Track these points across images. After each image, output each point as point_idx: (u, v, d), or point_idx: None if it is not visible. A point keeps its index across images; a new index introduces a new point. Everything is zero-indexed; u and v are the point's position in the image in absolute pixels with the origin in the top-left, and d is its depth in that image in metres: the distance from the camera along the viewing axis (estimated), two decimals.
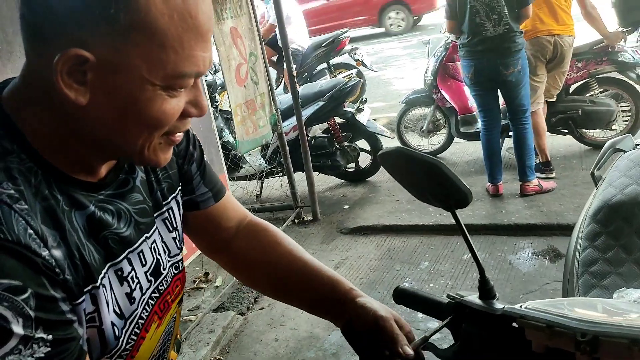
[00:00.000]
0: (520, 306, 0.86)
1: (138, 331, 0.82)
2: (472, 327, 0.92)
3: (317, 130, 5.05)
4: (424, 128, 5.27)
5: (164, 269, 0.89)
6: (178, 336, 1.06)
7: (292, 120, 4.52)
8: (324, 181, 5.13)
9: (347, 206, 4.60)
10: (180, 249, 0.95)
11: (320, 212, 4.46)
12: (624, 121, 4.82)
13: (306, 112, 4.57)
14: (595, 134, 4.87)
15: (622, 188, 1.56)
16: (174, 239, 0.93)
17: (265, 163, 4.91)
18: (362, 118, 4.75)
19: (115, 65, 0.64)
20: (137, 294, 0.81)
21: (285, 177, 4.55)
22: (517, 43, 3.78)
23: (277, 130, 4.16)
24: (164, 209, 0.91)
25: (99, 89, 0.65)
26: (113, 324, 0.75)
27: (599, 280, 1.42)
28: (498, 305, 0.89)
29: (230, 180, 4.40)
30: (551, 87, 4.37)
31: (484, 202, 4.09)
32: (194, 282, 3.61)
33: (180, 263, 0.94)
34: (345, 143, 4.88)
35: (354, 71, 5.47)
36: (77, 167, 0.73)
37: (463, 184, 0.89)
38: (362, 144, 4.99)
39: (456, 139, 5.21)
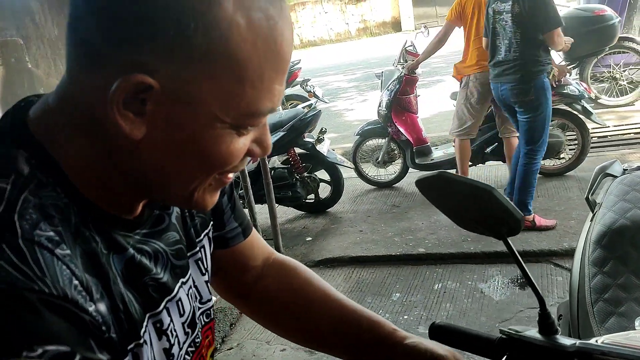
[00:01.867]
0: (597, 341, 0.80)
1: None
2: None
3: (277, 161, 4.96)
4: (379, 159, 5.29)
5: (198, 319, 0.77)
6: None
7: None
8: (283, 213, 5.02)
9: (309, 238, 4.50)
10: (211, 294, 0.83)
11: (282, 245, 4.33)
12: (570, 150, 5.01)
13: None
14: (545, 163, 5.03)
15: (623, 213, 1.56)
16: (206, 282, 0.81)
17: None
18: (322, 148, 4.71)
19: (182, 97, 0.53)
20: (175, 349, 0.69)
21: (246, 209, 4.41)
22: (528, 71, 3.58)
23: None
24: (197, 248, 0.79)
25: (159, 123, 0.54)
26: None
27: (615, 307, 1.39)
28: (566, 341, 0.82)
29: None
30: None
31: (448, 230, 4.09)
32: None
33: (211, 310, 0.82)
34: (305, 174, 4.81)
35: (313, 101, 5.45)
36: (115, 205, 0.61)
37: (516, 210, 0.82)
38: (321, 174, 4.94)
39: (411, 169, 5.25)
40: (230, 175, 0.65)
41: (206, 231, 0.82)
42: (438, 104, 7.75)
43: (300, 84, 7.49)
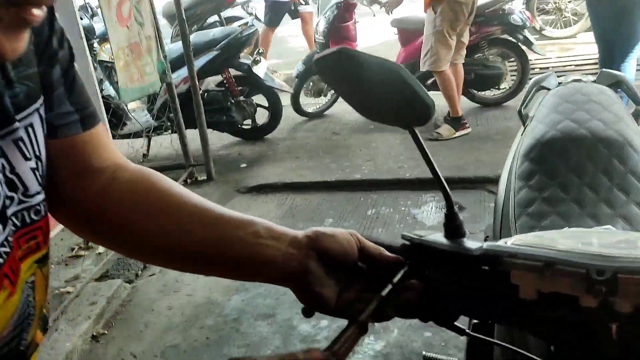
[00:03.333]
0: (506, 242, 0.67)
1: None
2: (440, 273, 0.72)
3: (211, 83, 4.67)
4: (312, 88, 5.10)
5: (15, 215, 0.59)
6: (45, 311, 0.70)
7: (183, 72, 4.12)
8: (218, 139, 4.80)
9: (244, 165, 4.33)
10: (43, 186, 0.64)
11: (215, 172, 4.15)
12: (511, 79, 4.95)
13: (198, 63, 4.19)
14: (485, 93, 4.97)
15: (553, 124, 1.45)
16: (34, 170, 0.61)
17: (153, 119, 4.48)
18: (259, 71, 4.45)
19: None
20: None
21: (176, 134, 4.17)
22: None
23: (165, 80, 3.76)
24: (16, 125, 0.59)
25: None
26: None
27: (538, 221, 1.30)
28: (472, 244, 0.70)
29: (113, 138, 3.94)
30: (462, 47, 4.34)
31: (386, 157, 4.00)
32: (72, 249, 3.19)
33: (42, 205, 0.63)
34: (242, 98, 4.56)
35: (249, 19, 5.11)
36: None
37: (427, 95, 0.66)
38: (259, 99, 4.71)
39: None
40: (35, 11, 0.46)
41: (35, 106, 0.62)
42: (382, 33, 7.51)
43: (241, 5, 7.07)
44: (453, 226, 0.74)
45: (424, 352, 1.64)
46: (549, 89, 1.67)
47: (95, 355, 2.43)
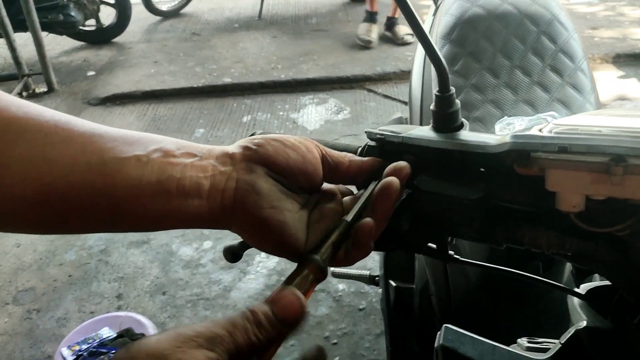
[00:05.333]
0: (541, 130, 0.45)
1: None
2: (431, 183, 0.48)
3: None
4: None
5: None
6: None
7: None
8: (56, 43, 4.09)
9: (92, 72, 3.73)
10: None
11: (56, 82, 3.53)
12: None
13: None
14: None
15: (473, 0, 1.25)
16: None
17: None
18: None
19: None
20: None
21: (2, 38, 3.43)
22: None
23: None
24: None
25: None
26: None
27: (469, 111, 1.12)
28: (485, 137, 0.47)
29: None
30: None
31: (256, 58, 3.65)
32: None
33: None
34: None
35: None
36: None
37: None
38: None
39: None
40: None
41: None
42: None
43: None
44: (448, 114, 0.50)
45: (331, 269, 1.47)
46: None
47: None
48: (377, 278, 1.49)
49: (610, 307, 0.50)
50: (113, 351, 1.49)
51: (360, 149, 0.53)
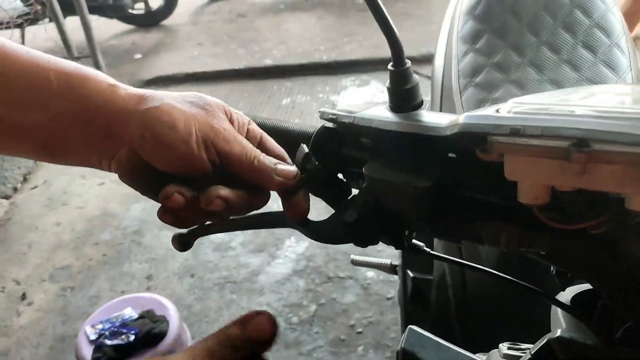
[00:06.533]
0: (497, 111, 0.37)
1: None
2: (384, 169, 0.42)
3: None
4: None
5: None
6: None
7: None
8: (107, 27, 4.17)
9: (139, 55, 3.79)
10: None
11: (105, 64, 3.60)
12: None
13: None
14: None
15: None
16: None
17: (24, 5, 3.77)
18: None
19: None
20: None
21: (53, 22, 3.54)
22: None
23: None
24: None
25: None
26: None
27: (489, 92, 1.03)
28: (438, 117, 0.40)
29: None
30: None
31: (299, 40, 3.61)
32: None
33: None
34: None
35: None
36: None
37: None
38: None
39: None
40: None
41: None
42: None
43: None
44: (403, 91, 0.44)
45: (352, 256, 1.42)
46: None
47: None
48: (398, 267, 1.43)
49: (593, 315, 0.43)
50: (133, 332, 1.51)
51: (315, 131, 0.48)
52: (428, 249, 0.47)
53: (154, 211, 0.45)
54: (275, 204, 0.47)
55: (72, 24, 3.53)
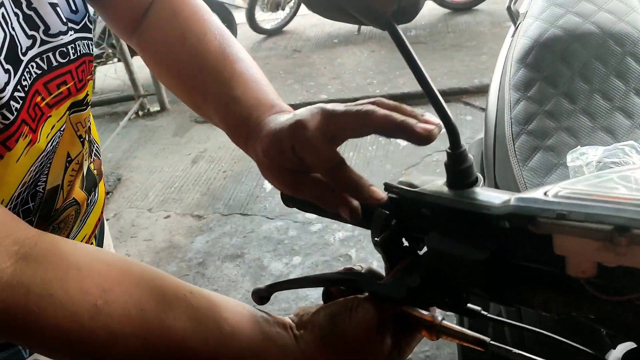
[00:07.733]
0: (546, 193, 0.43)
1: None
2: (444, 241, 0.48)
3: None
4: (267, 1, 4.69)
5: (40, 57, 0.52)
6: (92, 167, 0.70)
7: None
8: None
9: None
10: (88, 19, 0.59)
11: (168, 101, 3.81)
12: None
13: None
14: None
15: (554, 20, 1.20)
16: (54, 5, 0.53)
17: (97, 48, 4.05)
18: None
19: None
20: None
21: (121, 62, 3.78)
22: None
23: None
24: None
25: None
26: None
27: (542, 140, 1.07)
28: (491, 196, 0.46)
29: None
30: None
31: (353, 74, 3.71)
32: None
33: (70, 48, 0.56)
34: None
35: None
36: None
37: None
38: None
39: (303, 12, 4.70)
40: None
41: None
42: None
43: None
44: (460, 170, 0.50)
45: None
46: None
47: None
48: None
49: None
50: None
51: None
52: (485, 312, 0.52)
53: (217, 243, 0.52)
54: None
55: (138, 61, 3.75)
